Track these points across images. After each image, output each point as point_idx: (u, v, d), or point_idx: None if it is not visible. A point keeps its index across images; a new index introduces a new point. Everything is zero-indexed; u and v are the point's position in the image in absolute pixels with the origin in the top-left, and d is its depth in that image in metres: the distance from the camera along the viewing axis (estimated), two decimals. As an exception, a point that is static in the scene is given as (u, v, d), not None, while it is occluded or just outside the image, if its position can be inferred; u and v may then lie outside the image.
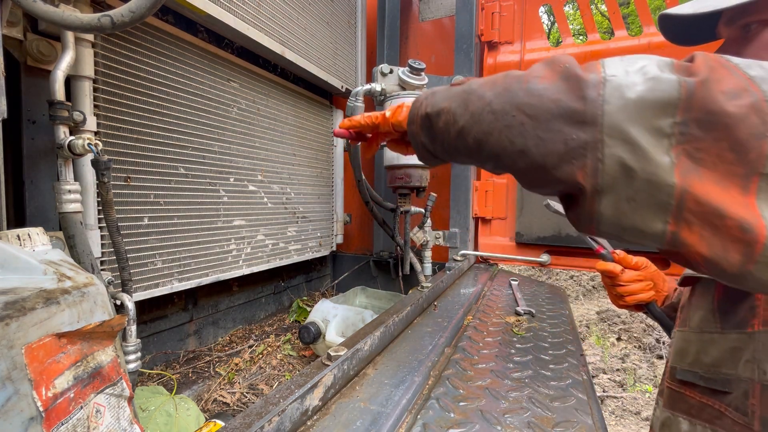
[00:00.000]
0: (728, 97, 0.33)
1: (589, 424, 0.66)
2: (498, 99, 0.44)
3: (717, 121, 0.33)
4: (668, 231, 0.36)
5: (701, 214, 0.34)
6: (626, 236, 0.39)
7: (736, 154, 0.33)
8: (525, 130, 0.41)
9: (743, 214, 0.33)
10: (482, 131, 0.46)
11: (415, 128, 0.59)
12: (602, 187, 0.37)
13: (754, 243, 0.33)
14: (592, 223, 0.40)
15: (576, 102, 0.38)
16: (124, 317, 0.78)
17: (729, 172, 0.34)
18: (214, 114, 1.24)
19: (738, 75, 0.34)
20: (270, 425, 0.53)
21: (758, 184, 0.33)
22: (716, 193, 0.34)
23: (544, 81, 0.41)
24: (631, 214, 0.37)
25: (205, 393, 1.22)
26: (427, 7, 2.19)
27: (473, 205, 1.95)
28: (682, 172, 0.34)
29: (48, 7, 0.60)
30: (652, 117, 0.35)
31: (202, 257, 1.21)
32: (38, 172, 0.85)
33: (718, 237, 0.35)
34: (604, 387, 2.87)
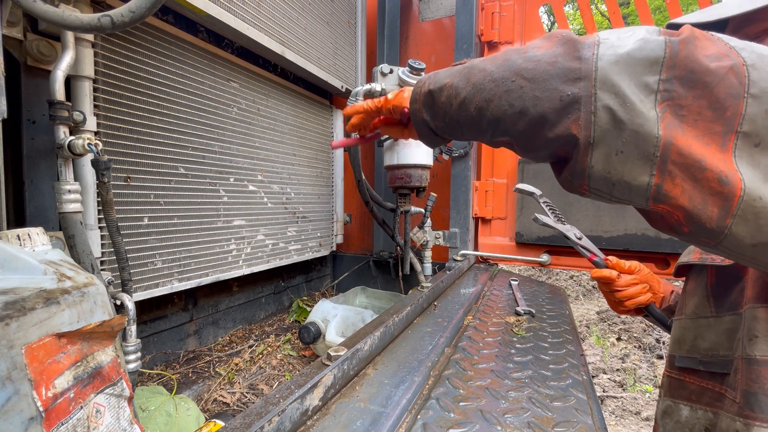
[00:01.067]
0: (709, 59, 0.35)
1: (589, 424, 0.66)
2: (498, 69, 0.47)
3: (698, 79, 0.36)
4: (653, 183, 0.38)
5: (683, 166, 0.37)
6: (615, 192, 0.41)
7: (714, 112, 0.36)
8: (524, 93, 0.43)
9: (722, 168, 0.35)
10: (483, 99, 0.48)
11: (417, 106, 0.61)
12: (594, 139, 0.39)
13: (732, 196, 0.36)
14: (583, 179, 0.42)
15: (572, 62, 0.40)
16: (124, 317, 0.78)
17: (709, 129, 0.36)
18: (214, 114, 1.24)
19: (719, 44, 0.37)
20: (270, 425, 0.53)
21: (734, 142, 0.36)
22: (697, 147, 0.36)
23: (543, 48, 0.44)
24: (620, 166, 0.39)
25: (205, 393, 1.22)
26: (427, 7, 2.19)
27: (473, 205, 1.95)
28: (666, 126, 0.36)
29: (48, 7, 0.60)
30: (641, 73, 0.37)
31: (202, 257, 1.21)
32: (38, 172, 0.85)
33: (699, 189, 0.37)
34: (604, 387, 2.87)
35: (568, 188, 0.46)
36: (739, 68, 0.35)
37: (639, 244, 1.61)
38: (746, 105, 0.35)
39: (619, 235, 1.65)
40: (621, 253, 1.66)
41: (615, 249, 1.65)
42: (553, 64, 0.41)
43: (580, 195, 0.46)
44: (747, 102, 0.35)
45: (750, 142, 0.35)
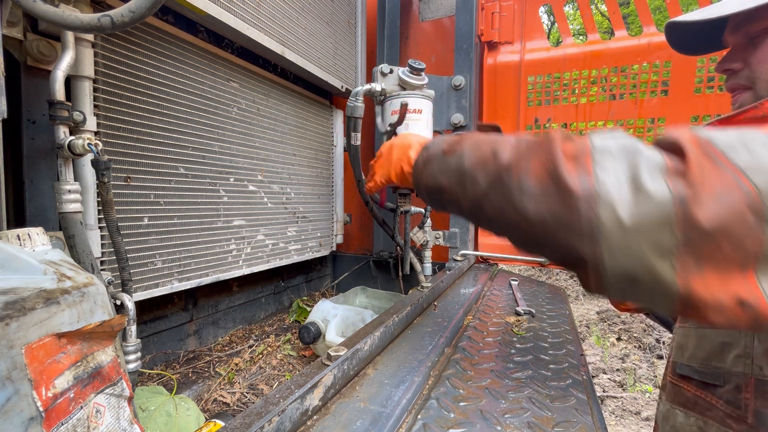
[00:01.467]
0: (722, 203, 0.33)
1: (589, 424, 0.66)
2: (493, 192, 0.46)
3: (715, 231, 0.34)
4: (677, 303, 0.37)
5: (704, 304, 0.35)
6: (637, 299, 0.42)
7: (734, 248, 0.34)
8: (526, 233, 0.44)
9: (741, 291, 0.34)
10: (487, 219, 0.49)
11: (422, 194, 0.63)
12: (608, 289, 0.39)
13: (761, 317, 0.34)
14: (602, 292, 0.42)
15: (570, 213, 0.39)
16: (124, 317, 0.78)
17: (729, 260, 0.34)
18: (214, 114, 1.24)
19: (725, 168, 0.34)
20: (270, 425, 0.53)
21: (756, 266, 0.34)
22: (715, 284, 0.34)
23: (534, 178, 0.42)
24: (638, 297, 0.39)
25: (205, 393, 1.22)
26: (427, 7, 2.19)
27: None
28: (682, 272, 0.35)
29: (48, 7, 0.60)
30: (651, 235, 0.35)
31: (202, 257, 1.21)
32: (38, 172, 0.85)
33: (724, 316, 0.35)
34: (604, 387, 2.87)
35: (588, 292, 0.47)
36: (753, 199, 0.33)
37: None
38: (765, 233, 0.33)
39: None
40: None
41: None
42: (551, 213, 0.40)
43: None
44: (766, 230, 0.33)
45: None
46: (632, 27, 6.88)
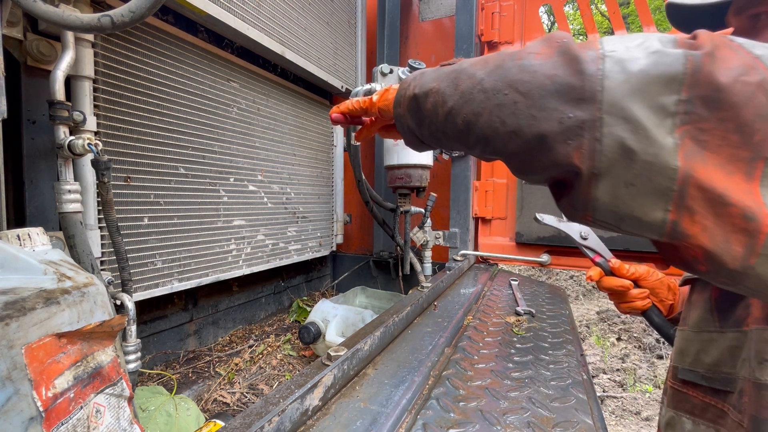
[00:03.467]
0: (736, 73, 0.31)
1: (589, 424, 0.66)
2: (490, 77, 0.41)
3: (723, 99, 0.31)
4: (669, 220, 0.34)
5: (704, 201, 0.32)
6: (624, 226, 0.37)
7: (741, 136, 0.31)
8: (518, 109, 0.38)
9: (747, 202, 0.31)
10: (472, 112, 0.43)
11: (401, 111, 0.56)
12: (600, 170, 0.34)
13: (757, 233, 0.32)
14: (587, 211, 0.38)
15: (573, 77, 0.35)
16: (124, 317, 0.78)
17: (733, 156, 0.32)
18: (214, 114, 1.24)
19: (743, 54, 0.32)
20: (270, 425, 0.53)
21: (763, 170, 0.31)
22: (720, 179, 0.32)
23: (540, 57, 0.38)
24: (629, 200, 0.34)
25: (205, 393, 1.22)
26: (427, 7, 2.19)
27: (473, 205, 1.95)
28: (685, 155, 0.32)
29: (48, 7, 0.60)
30: (656, 93, 0.32)
31: (202, 257, 1.21)
32: (38, 172, 0.85)
33: (721, 227, 0.33)
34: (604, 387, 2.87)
35: (570, 216, 0.41)
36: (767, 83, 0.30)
37: (639, 244, 1.61)
38: None
39: (619, 234, 1.65)
40: (621, 253, 1.66)
41: (615, 249, 1.65)
42: (551, 77, 0.36)
43: (584, 224, 0.41)
44: None
45: None
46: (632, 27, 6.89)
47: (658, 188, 0.33)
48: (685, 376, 0.63)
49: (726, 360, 0.57)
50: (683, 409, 0.63)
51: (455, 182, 1.90)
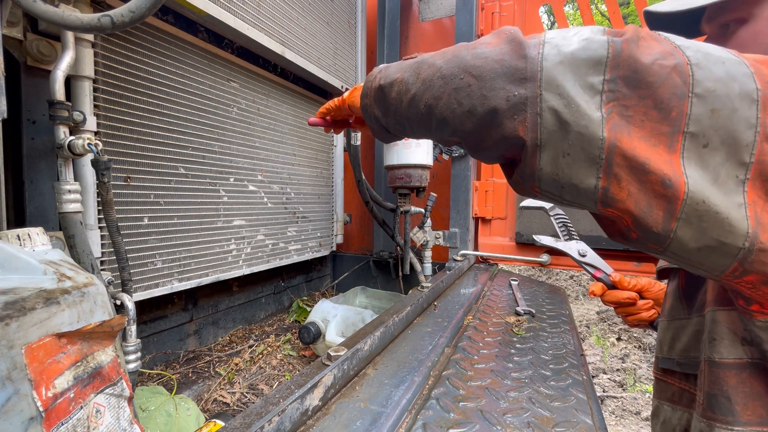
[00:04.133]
0: (653, 57, 0.35)
1: (589, 424, 0.66)
2: (447, 65, 0.46)
3: (641, 79, 0.35)
4: (600, 186, 0.38)
5: (628, 169, 0.36)
6: (565, 195, 0.41)
7: (660, 112, 0.35)
8: (471, 91, 0.43)
9: (666, 170, 0.35)
10: (433, 96, 0.47)
11: (368, 101, 0.60)
12: (542, 141, 0.39)
13: (675, 199, 0.35)
14: (534, 181, 0.42)
15: (518, 60, 0.40)
16: (124, 317, 0.78)
17: (656, 130, 0.36)
18: (214, 114, 1.24)
19: (665, 43, 0.36)
20: (270, 425, 0.53)
21: (682, 143, 0.35)
22: (643, 149, 0.36)
23: (490, 45, 0.43)
24: (567, 169, 0.39)
25: (205, 393, 1.22)
26: (427, 7, 2.19)
27: (473, 205, 1.95)
28: (612, 128, 0.36)
29: (48, 7, 0.60)
30: (585, 73, 0.37)
31: (202, 257, 1.21)
32: (38, 172, 0.85)
33: (644, 192, 0.36)
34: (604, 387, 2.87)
35: (520, 190, 0.46)
36: (683, 67, 0.34)
37: None
38: (691, 105, 0.34)
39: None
40: (621, 253, 1.66)
41: (615, 249, 1.65)
42: (500, 62, 0.41)
43: (533, 197, 0.45)
44: (692, 102, 0.34)
45: (698, 143, 0.35)
46: (632, 27, 6.87)
47: (590, 156, 0.37)
48: (663, 365, 0.65)
49: (693, 344, 0.59)
50: (664, 397, 0.66)
51: (455, 182, 1.90)
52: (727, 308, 0.50)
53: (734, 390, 0.47)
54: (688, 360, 0.60)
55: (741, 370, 0.47)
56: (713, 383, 0.50)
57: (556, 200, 0.43)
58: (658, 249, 0.39)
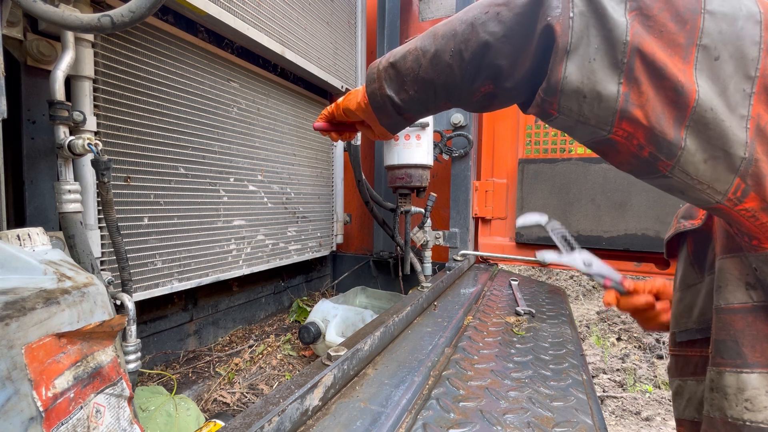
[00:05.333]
0: None
1: (589, 424, 0.66)
2: (467, 14, 0.49)
3: None
4: (621, 92, 0.40)
5: (648, 73, 0.39)
6: (585, 107, 0.42)
7: (676, 24, 0.38)
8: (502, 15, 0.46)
9: (681, 78, 0.38)
10: (460, 41, 0.49)
11: (376, 85, 0.60)
12: (571, 46, 0.40)
13: (685, 106, 0.38)
14: (555, 95, 0.43)
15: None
16: (124, 317, 0.78)
17: (672, 41, 0.38)
18: (214, 114, 1.24)
19: None
20: (270, 425, 0.53)
21: (695, 55, 0.38)
22: (661, 54, 0.38)
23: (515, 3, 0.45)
24: (592, 75, 0.40)
25: (205, 393, 1.22)
26: (427, 7, 2.19)
27: (473, 205, 1.95)
28: (635, 33, 0.38)
29: (48, 7, 0.60)
30: None
31: (202, 257, 1.21)
32: (38, 172, 0.85)
33: (659, 98, 0.39)
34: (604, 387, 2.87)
35: (538, 112, 0.47)
36: None
37: (639, 244, 1.61)
38: (704, 20, 0.37)
39: (619, 235, 1.65)
40: (621, 253, 1.66)
41: (615, 249, 1.65)
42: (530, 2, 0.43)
43: (549, 120, 0.46)
44: (704, 17, 0.37)
45: (710, 56, 0.38)
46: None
47: (613, 61, 0.39)
48: (682, 338, 0.65)
49: (708, 305, 0.59)
50: (687, 373, 0.64)
51: (455, 182, 1.90)
52: (732, 255, 0.51)
53: (741, 333, 0.48)
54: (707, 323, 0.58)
55: (747, 314, 0.48)
56: (720, 329, 0.50)
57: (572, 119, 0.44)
58: (669, 165, 0.41)
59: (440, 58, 0.51)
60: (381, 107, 0.62)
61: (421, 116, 0.66)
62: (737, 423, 0.46)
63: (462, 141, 1.82)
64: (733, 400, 0.47)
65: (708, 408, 0.51)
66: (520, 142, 1.92)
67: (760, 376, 0.45)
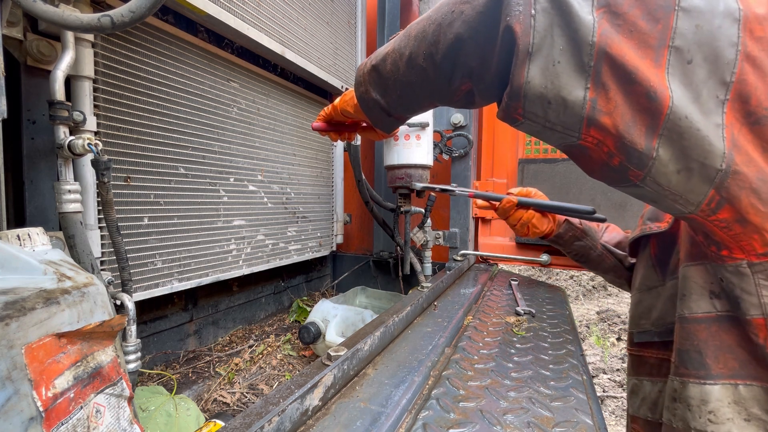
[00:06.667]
0: None
1: (589, 424, 0.66)
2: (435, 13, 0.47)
3: None
4: (588, 98, 0.37)
5: (616, 78, 0.36)
6: (551, 113, 0.40)
7: (647, 23, 0.35)
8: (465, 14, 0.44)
9: (653, 83, 0.35)
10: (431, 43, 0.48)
11: (363, 89, 0.59)
12: (533, 47, 0.37)
13: (659, 113, 0.35)
14: (519, 100, 0.40)
15: None
16: (124, 317, 0.78)
17: (643, 41, 0.35)
18: (214, 114, 1.24)
19: None
20: (270, 425, 0.53)
21: (667, 58, 0.35)
22: (631, 57, 0.35)
23: None
24: (556, 79, 0.37)
25: (205, 393, 1.22)
26: (427, 7, 2.19)
27: (473, 205, 1.95)
28: (602, 33, 0.35)
29: (48, 7, 0.60)
30: None
31: (202, 257, 1.21)
32: (38, 172, 0.85)
33: (629, 105, 0.36)
34: (604, 387, 2.87)
35: (504, 116, 0.45)
36: None
37: None
38: (677, 18, 0.34)
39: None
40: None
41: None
42: None
43: (516, 125, 0.44)
44: (678, 15, 0.34)
45: (682, 59, 0.35)
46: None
47: (579, 63, 0.36)
48: (640, 339, 0.65)
49: (669, 310, 0.58)
50: (643, 373, 0.65)
51: (455, 182, 1.90)
52: (697, 263, 0.49)
53: (705, 344, 0.47)
54: (665, 327, 0.59)
55: (711, 324, 0.47)
56: (684, 339, 0.49)
57: (538, 124, 0.42)
58: (639, 175, 0.39)
59: (414, 61, 0.50)
60: (370, 110, 0.61)
61: (411, 115, 0.64)
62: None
63: (462, 141, 1.82)
64: (696, 412, 0.46)
65: (670, 417, 0.50)
66: (520, 142, 1.92)
67: (723, 388, 0.45)
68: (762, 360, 0.42)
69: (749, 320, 0.42)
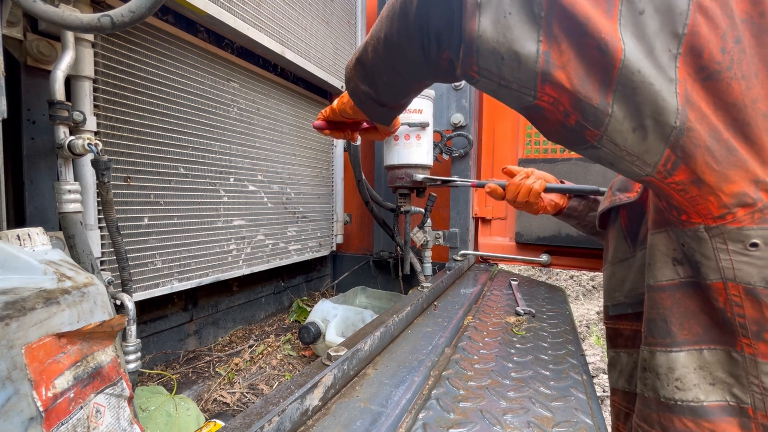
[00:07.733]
0: None
1: (589, 424, 0.66)
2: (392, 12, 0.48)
3: None
4: (541, 51, 0.35)
5: (568, 28, 0.34)
6: (505, 70, 0.38)
7: None
8: None
9: (604, 34, 0.33)
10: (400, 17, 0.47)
11: (353, 84, 0.59)
12: None
13: (611, 67, 0.34)
14: (472, 56, 0.39)
15: None
16: (124, 317, 0.78)
17: None
18: (214, 114, 1.24)
19: None
20: (270, 425, 0.53)
21: (619, 8, 0.33)
22: (583, 6, 0.33)
23: None
24: (508, 33, 0.36)
25: (205, 393, 1.22)
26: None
27: (473, 205, 1.95)
28: None
29: (48, 7, 0.60)
30: None
31: (202, 257, 1.21)
32: (38, 172, 0.85)
33: (582, 58, 0.34)
34: (604, 387, 2.87)
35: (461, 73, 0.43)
36: None
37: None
38: None
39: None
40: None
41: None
42: None
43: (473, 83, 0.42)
44: None
45: (634, 9, 0.33)
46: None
47: (530, 13, 0.35)
48: (615, 311, 0.65)
49: (640, 281, 0.58)
50: (619, 345, 0.65)
51: (455, 182, 1.90)
52: (660, 230, 0.49)
53: (670, 311, 0.47)
54: (637, 298, 0.58)
55: (674, 291, 0.47)
56: (651, 308, 0.49)
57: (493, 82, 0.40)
58: (596, 134, 0.38)
59: (390, 41, 0.49)
60: (363, 103, 0.61)
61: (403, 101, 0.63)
62: (669, 403, 0.45)
63: (462, 141, 1.82)
64: (664, 380, 0.46)
65: (642, 387, 0.50)
66: (520, 142, 1.91)
67: (688, 354, 0.44)
68: (723, 324, 0.42)
69: (709, 285, 0.42)
